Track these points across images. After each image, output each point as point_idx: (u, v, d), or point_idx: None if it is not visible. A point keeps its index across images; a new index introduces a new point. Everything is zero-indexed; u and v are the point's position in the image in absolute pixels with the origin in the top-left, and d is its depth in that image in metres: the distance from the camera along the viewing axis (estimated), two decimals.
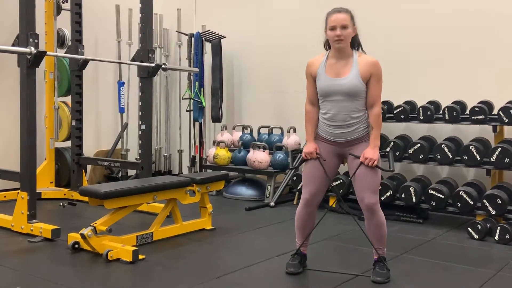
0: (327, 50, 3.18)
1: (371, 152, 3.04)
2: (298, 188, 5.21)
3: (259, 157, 5.75)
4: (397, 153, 4.88)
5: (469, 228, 4.25)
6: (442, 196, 4.50)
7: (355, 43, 3.13)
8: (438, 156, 4.62)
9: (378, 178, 3.09)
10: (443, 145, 4.62)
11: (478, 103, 4.69)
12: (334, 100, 3.07)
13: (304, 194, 3.21)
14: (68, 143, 5.81)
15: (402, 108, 4.98)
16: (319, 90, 3.12)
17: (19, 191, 4.17)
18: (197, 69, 6.32)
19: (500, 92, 4.84)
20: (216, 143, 6.16)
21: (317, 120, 3.20)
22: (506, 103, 4.56)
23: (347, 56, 3.08)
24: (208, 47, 6.71)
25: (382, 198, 4.83)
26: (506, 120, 4.44)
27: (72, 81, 5.62)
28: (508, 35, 4.91)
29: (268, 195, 5.66)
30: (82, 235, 3.52)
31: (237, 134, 6.31)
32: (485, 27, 5.02)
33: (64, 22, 5.65)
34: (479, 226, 4.19)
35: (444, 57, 5.23)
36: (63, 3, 5.73)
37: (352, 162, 3.13)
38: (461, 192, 4.41)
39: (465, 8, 5.12)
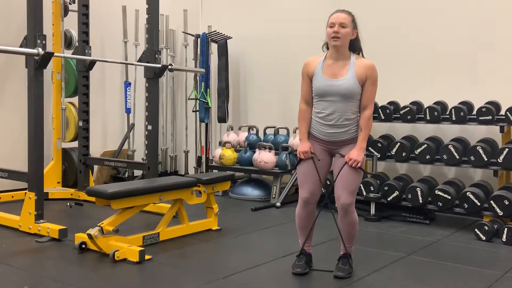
0: (324, 51, 3.21)
1: (356, 153, 3.09)
2: None
3: (265, 157, 5.75)
4: (404, 154, 4.86)
5: (476, 229, 4.23)
6: (449, 197, 4.49)
7: (355, 48, 3.16)
8: (445, 156, 4.61)
9: (358, 180, 3.15)
10: (450, 145, 4.60)
11: (485, 103, 4.67)
12: (329, 100, 3.11)
13: (302, 194, 3.23)
14: (75, 144, 5.84)
15: (408, 108, 4.97)
16: (315, 90, 3.16)
17: (26, 191, 4.19)
18: (203, 70, 6.33)
19: (508, 93, 4.81)
20: (222, 144, 6.16)
21: (310, 119, 3.23)
22: None
23: (345, 57, 3.12)
24: (214, 47, 6.72)
25: (389, 199, 4.82)
26: None
27: (79, 82, 5.65)
28: None
29: (274, 196, 5.66)
30: (89, 235, 3.54)
31: (243, 135, 6.31)
32: (491, 27, 4.99)
33: (71, 23, 5.68)
34: (486, 227, 4.17)
35: (450, 57, 5.21)
36: (70, 4, 5.76)
37: (337, 160, 3.19)
38: (468, 193, 4.39)
39: (471, 7, 5.10)
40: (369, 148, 5.05)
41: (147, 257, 3.51)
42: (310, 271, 3.32)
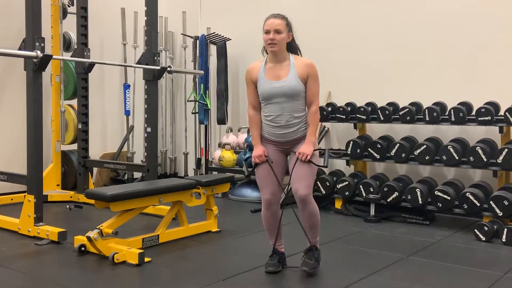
0: (264, 56, 3.31)
1: (305, 147, 3.17)
2: None
3: None
4: (403, 155, 4.86)
5: (475, 230, 4.23)
6: (449, 198, 4.48)
7: (293, 48, 3.27)
8: (444, 157, 4.60)
9: (313, 172, 3.22)
10: (449, 146, 4.60)
11: (484, 104, 4.67)
12: (275, 102, 3.19)
13: (264, 196, 3.31)
14: (74, 146, 5.84)
15: (407, 109, 4.96)
16: (261, 94, 3.24)
17: (25, 194, 4.19)
18: (202, 72, 6.33)
19: (507, 93, 4.81)
20: (221, 145, 6.16)
21: (261, 123, 3.31)
22: None
23: (284, 59, 3.23)
24: (213, 49, 6.72)
25: (388, 200, 4.82)
26: None
27: (78, 84, 5.65)
28: None
29: None
30: (89, 238, 3.54)
31: (243, 136, 6.31)
32: (491, 27, 4.99)
33: (70, 26, 5.68)
34: (486, 228, 4.17)
35: (450, 58, 5.21)
36: (69, 6, 5.76)
37: (291, 158, 3.27)
38: (467, 193, 4.39)
39: (471, 8, 5.10)
40: (369, 149, 5.06)
41: (146, 259, 3.51)
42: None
